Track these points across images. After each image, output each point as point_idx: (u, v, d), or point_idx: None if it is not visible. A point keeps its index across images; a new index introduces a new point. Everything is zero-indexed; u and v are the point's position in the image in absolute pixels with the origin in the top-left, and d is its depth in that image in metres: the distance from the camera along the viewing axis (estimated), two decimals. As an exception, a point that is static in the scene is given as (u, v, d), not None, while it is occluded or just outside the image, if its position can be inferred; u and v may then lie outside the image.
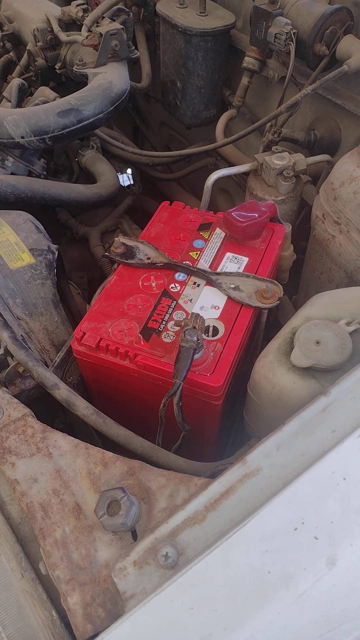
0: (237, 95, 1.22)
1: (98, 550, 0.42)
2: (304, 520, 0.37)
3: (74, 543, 0.42)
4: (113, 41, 1.02)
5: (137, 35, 1.32)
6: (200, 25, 1.12)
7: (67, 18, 1.15)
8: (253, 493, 0.40)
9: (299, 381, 0.49)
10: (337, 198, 0.76)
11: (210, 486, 0.41)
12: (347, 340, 0.49)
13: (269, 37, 1.01)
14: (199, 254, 0.67)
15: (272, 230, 0.70)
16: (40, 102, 1.03)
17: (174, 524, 0.40)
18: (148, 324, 0.59)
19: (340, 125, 1.08)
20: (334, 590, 0.37)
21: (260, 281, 0.62)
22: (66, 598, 0.40)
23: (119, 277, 0.65)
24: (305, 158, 0.94)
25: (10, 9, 1.28)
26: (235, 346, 0.57)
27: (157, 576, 0.38)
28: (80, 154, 1.17)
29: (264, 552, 0.37)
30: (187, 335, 0.51)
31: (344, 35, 0.97)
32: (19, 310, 0.70)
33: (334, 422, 0.42)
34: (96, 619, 0.39)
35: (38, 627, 0.41)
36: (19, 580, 0.43)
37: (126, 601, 0.37)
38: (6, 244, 0.74)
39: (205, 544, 0.38)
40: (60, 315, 0.73)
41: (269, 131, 1.06)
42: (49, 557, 0.42)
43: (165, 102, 1.34)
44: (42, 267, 0.74)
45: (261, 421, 0.56)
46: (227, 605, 0.36)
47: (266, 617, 0.36)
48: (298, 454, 0.41)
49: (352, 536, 0.37)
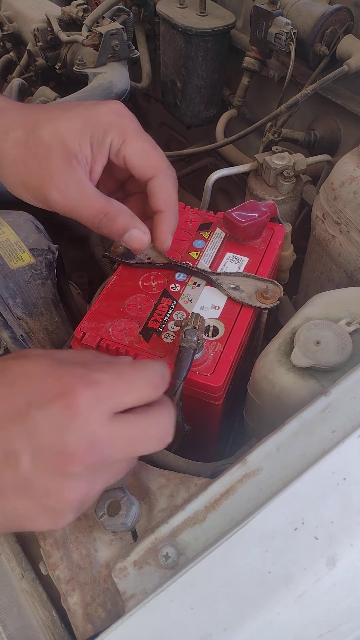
0: (237, 95, 1.22)
1: (98, 551, 0.42)
2: (304, 520, 0.38)
3: (74, 543, 0.42)
4: (113, 41, 1.02)
5: (137, 35, 1.32)
6: (200, 25, 1.12)
7: (67, 18, 1.15)
8: (253, 493, 0.40)
9: (299, 381, 0.49)
10: (337, 198, 0.76)
11: (211, 486, 0.41)
12: (347, 340, 0.49)
13: (269, 37, 1.01)
14: (199, 254, 0.67)
15: (272, 230, 0.70)
16: (40, 102, 1.03)
17: (174, 524, 0.40)
18: (148, 324, 0.59)
19: (340, 125, 1.08)
20: (334, 591, 0.37)
21: (260, 281, 0.62)
22: (66, 598, 0.40)
23: (119, 277, 0.65)
24: (305, 158, 0.94)
25: (11, 9, 1.28)
26: (236, 346, 0.57)
27: (157, 576, 0.38)
28: (81, 154, 1.17)
29: (264, 552, 0.37)
30: (188, 335, 0.51)
31: (344, 35, 0.97)
32: (19, 310, 0.70)
33: (334, 422, 0.42)
34: (96, 619, 0.39)
35: (38, 627, 0.41)
36: (19, 580, 0.43)
37: (126, 601, 0.37)
38: (6, 244, 0.74)
39: (205, 544, 0.39)
40: (61, 315, 0.73)
41: (269, 131, 1.06)
42: (49, 557, 0.42)
43: (165, 102, 1.34)
44: (42, 267, 0.74)
45: (261, 421, 0.56)
46: (227, 605, 0.36)
47: (266, 617, 0.36)
48: (298, 454, 0.41)
49: (352, 536, 0.37)
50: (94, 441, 0.36)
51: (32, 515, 0.37)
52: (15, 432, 0.35)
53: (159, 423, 0.39)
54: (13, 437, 0.35)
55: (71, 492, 0.36)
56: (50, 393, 0.36)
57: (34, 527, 0.38)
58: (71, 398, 0.35)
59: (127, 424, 0.38)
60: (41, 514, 0.37)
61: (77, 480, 0.36)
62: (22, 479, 0.35)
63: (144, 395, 0.39)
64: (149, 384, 0.40)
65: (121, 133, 0.51)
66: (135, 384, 0.39)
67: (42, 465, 0.35)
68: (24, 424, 0.35)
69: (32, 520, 0.37)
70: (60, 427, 0.35)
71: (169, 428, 0.40)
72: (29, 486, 0.35)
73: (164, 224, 0.53)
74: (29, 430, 0.35)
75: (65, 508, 0.37)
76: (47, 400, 0.35)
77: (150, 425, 0.39)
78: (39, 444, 0.35)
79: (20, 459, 0.35)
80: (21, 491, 0.36)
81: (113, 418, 0.37)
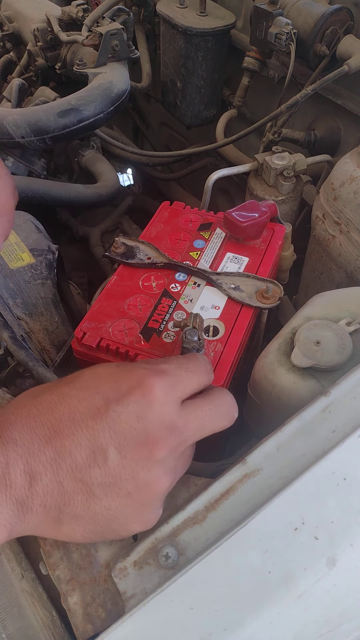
0: (237, 95, 1.22)
1: (98, 551, 0.42)
2: (304, 520, 0.38)
3: (74, 543, 0.42)
4: (113, 41, 1.02)
5: (137, 35, 1.32)
6: (200, 25, 1.12)
7: (67, 18, 1.15)
8: (253, 493, 0.40)
9: (299, 381, 0.49)
10: (337, 198, 0.76)
11: (211, 486, 0.41)
12: (347, 340, 0.49)
13: (269, 37, 1.01)
14: (199, 254, 0.67)
15: (273, 230, 0.70)
16: (40, 102, 1.03)
17: (174, 524, 0.40)
18: (148, 324, 0.59)
19: (340, 125, 1.08)
20: (334, 591, 0.37)
21: (260, 281, 0.62)
22: (66, 598, 0.40)
23: (119, 277, 0.65)
24: (305, 158, 0.94)
25: (10, 9, 1.28)
26: (236, 346, 0.57)
27: (157, 576, 0.38)
28: (80, 154, 1.17)
29: (264, 552, 0.37)
30: (188, 335, 0.51)
31: (344, 35, 0.97)
32: (19, 310, 0.70)
33: (334, 422, 0.42)
34: (96, 619, 0.39)
35: (38, 626, 0.41)
36: (19, 581, 0.43)
37: (126, 601, 0.37)
38: (6, 243, 0.74)
39: (205, 544, 0.39)
40: (61, 315, 0.73)
41: (269, 131, 1.06)
42: (49, 557, 0.42)
43: (165, 102, 1.34)
44: (42, 267, 0.74)
45: (261, 421, 0.56)
46: (227, 605, 0.36)
47: (266, 617, 0.36)
48: (298, 454, 0.41)
49: (352, 536, 0.37)
50: (172, 425, 0.38)
51: (123, 514, 0.37)
52: (99, 429, 0.36)
53: (224, 401, 0.42)
54: (98, 433, 0.36)
55: (159, 481, 0.37)
56: (125, 387, 0.38)
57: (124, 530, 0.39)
58: (146, 388, 0.38)
59: (197, 407, 0.40)
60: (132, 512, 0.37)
61: (163, 468, 0.37)
62: (111, 474, 0.36)
63: (202, 381, 0.42)
64: (204, 371, 0.43)
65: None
66: (195, 371, 0.42)
67: (129, 457, 0.36)
68: (105, 419, 0.37)
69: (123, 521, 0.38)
70: (141, 416, 0.37)
71: (233, 404, 0.43)
72: (119, 481, 0.36)
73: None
74: (112, 424, 0.36)
75: (155, 500, 0.38)
76: (124, 394, 0.38)
77: (217, 404, 0.42)
78: (123, 436, 0.36)
79: (108, 454, 0.36)
80: (112, 488, 0.36)
81: (183, 404, 0.40)
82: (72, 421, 0.37)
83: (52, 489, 0.36)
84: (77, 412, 0.37)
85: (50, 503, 0.36)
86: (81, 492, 0.36)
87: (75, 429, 0.36)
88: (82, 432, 0.36)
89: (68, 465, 0.36)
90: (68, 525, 0.37)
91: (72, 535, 0.38)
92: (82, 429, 0.36)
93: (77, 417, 0.37)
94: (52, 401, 0.38)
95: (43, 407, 0.38)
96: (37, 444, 0.36)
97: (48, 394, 0.39)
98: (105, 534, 0.39)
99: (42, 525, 0.37)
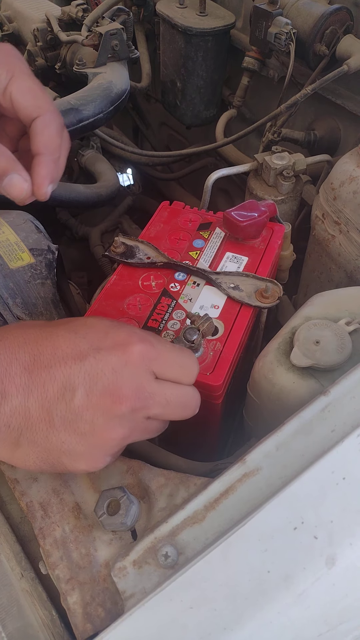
0: (237, 95, 1.22)
1: (98, 550, 0.42)
2: (303, 519, 0.38)
3: (74, 542, 0.42)
4: (113, 41, 1.02)
5: (137, 35, 1.32)
6: (200, 25, 1.12)
7: (67, 18, 1.15)
8: (253, 493, 0.40)
9: (298, 381, 0.49)
10: (336, 198, 0.76)
11: (210, 486, 0.41)
12: (346, 340, 0.49)
13: (269, 37, 1.01)
14: (199, 254, 0.67)
15: (272, 229, 0.70)
16: (40, 102, 1.02)
17: (173, 523, 0.40)
18: (148, 323, 0.59)
19: (340, 125, 1.09)
20: (334, 590, 0.37)
21: (259, 281, 0.62)
22: (66, 597, 0.40)
23: (119, 277, 0.65)
24: (305, 158, 0.94)
25: (10, 9, 1.28)
26: (235, 345, 0.57)
27: (156, 576, 0.38)
28: (80, 154, 1.17)
29: (263, 552, 0.37)
30: (187, 334, 0.51)
31: (343, 35, 0.97)
32: (19, 310, 0.70)
33: (333, 421, 0.42)
34: (96, 619, 0.39)
35: (38, 626, 0.41)
36: (19, 580, 0.43)
37: (126, 600, 0.37)
38: (6, 243, 0.74)
39: (204, 543, 0.39)
40: (60, 315, 0.73)
41: (268, 131, 1.06)
42: (49, 557, 0.42)
43: (165, 102, 1.34)
44: (42, 267, 0.74)
45: (261, 421, 0.56)
46: (226, 605, 0.36)
47: (265, 617, 0.36)
48: (298, 453, 0.41)
49: (352, 536, 0.37)
50: (140, 388, 0.40)
51: (75, 450, 0.40)
52: (77, 369, 0.39)
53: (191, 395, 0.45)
54: (74, 372, 0.39)
55: (113, 431, 0.40)
56: (110, 341, 0.41)
57: (72, 466, 0.41)
58: (128, 347, 0.41)
59: (167, 385, 0.43)
60: (83, 451, 0.40)
61: (120, 422, 0.40)
62: (73, 412, 0.39)
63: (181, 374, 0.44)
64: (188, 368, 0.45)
65: (10, 69, 0.49)
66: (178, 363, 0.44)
67: (93, 402, 0.39)
68: (84, 362, 0.39)
69: (73, 457, 0.40)
70: (116, 369, 0.40)
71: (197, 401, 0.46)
72: (78, 420, 0.39)
73: (42, 168, 0.49)
74: (89, 368, 0.39)
75: (106, 447, 0.40)
76: (107, 346, 0.41)
77: (184, 394, 0.44)
78: (94, 382, 0.39)
79: (76, 394, 0.39)
80: (70, 424, 0.39)
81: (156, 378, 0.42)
82: (53, 356, 0.39)
83: (19, 411, 0.38)
84: (61, 349, 0.40)
85: (14, 424, 0.38)
86: (44, 421, 0.39)
87: (54, 364, 0.39)
88: (60, 368, 0.39)
89: (39, 394, 0.38)
90: (24, 449, 0.39)
91: (25, 460, 0.40)
92: (61, 366, 0.39)
93: (59, 354, 0.40)
94: (40, 336, 0.41)
95: (30, 338, 0.40)
96: (15, 367, 0.39)
97: (39, 329, 0.42)
98: (55, 466, 0.41)
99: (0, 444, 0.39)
